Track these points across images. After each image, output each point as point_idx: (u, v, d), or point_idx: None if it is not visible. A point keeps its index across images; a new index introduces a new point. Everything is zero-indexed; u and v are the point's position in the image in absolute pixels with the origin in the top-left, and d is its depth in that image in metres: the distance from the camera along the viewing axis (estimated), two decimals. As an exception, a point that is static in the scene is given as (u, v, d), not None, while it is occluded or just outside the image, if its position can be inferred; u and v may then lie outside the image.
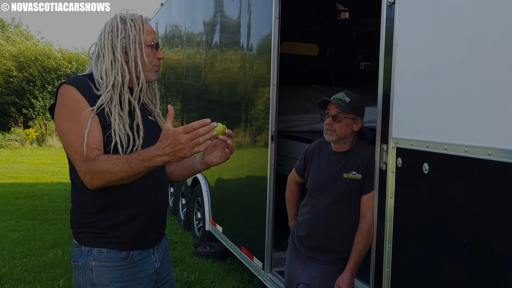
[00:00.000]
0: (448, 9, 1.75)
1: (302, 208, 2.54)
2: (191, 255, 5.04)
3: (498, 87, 1.53)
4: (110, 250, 1.67)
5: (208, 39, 4.88)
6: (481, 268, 1.58)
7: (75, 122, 1.58)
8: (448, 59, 1.74)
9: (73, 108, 1.59)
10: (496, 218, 1.52)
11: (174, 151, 1.44)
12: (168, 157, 1.46)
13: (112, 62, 1.68)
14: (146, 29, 1.74)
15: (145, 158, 1.48)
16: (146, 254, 1.76)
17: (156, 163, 1.47)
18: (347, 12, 4.19)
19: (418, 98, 1.89)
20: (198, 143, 1.44)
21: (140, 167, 1.49)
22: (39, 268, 4.55)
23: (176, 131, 1.43)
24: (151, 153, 1.47)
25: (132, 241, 1.70)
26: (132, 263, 1.71)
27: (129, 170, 1.50)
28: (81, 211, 1.70)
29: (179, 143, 1.42)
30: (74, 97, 1.60)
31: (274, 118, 3.32)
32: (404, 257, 1.98)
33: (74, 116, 1.58)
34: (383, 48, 2.12)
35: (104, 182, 1.54)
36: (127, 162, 1.50)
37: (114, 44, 1.69)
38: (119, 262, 1.68)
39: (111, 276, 1.67)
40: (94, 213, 1.68)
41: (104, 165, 1.51)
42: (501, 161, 1.49)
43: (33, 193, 8.52)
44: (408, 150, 1.94)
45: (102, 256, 1.67)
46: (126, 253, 1.69)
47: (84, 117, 1.58)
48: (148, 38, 1.74)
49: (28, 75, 20.01)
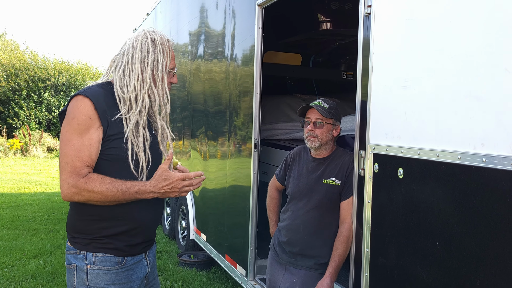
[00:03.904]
0: (421, 20, 1.82)
1: (283, 214, 2.57)
2: (175, 264, 5.02)
3: (467, 95, 1.59)
4: (105, 255, 1.72)
5: (193, 49, 4.92)
6: (454, 268, 1.62)
7: (79, 136, 1.62)
8: (420, 67, 1.81)
9: (82, 123, 1.62)
10: (466, 220, 1.57)
11: (167, 191, 1.67)
12: (159, 195, 1.68)
13: (141, 83, 1.73)
14: (172, 54, 1.80)
15: (139, 192, 1.65)
16: (139, 258, 1.82)
17: (147, 197, 1.67)
18: (328, 22, 4.28)
19: (393, 105, 1.95)
20: (188, 190, 1.70)
21: (132, 197, 1.66)
22: (20, 278, 4.49)
23: (176, 177, 1.65)
24: (146, 188, 1.65)
25: (126, 249, 1.76)
26: (126, 267, 1.76)
27: (120, 197, 1.64)
28: (79, 217, 1.74)
29: (175, 187, 1.67)
30: (86, 113, 1.63)
31: (257, 126, 3.36)
32: (381, 260, 2.02)
33: (81, 130, 1.62)
34: (360, 57, 2.18)
35: (87, 200, 1.63)
36: (121, 190, 1.62)
37: (143, 65, 1.73)
38: (114, 266, 1.73)
39: (106, 279, 1.72)
40: (92, 222, 1.72)
41: (98, 186, 1.60)
42: (469, 164, 1.55)
43: (16, 203, 8.40)
44: (384, 155, 2.00)
45: (98, 260, 1.72)
46: (120, 258, 1.75)
47: (89, 135, 1.63)
48: (171, 65, 1.80)
49: (14, 84, 19.80)
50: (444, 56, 1.69)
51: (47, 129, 19.95)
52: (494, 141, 1.48)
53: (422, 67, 1.79)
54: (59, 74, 20.60)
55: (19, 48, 23.26)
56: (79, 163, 1.61)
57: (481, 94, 1.53)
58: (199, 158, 4.75)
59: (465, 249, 1.57)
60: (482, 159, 1.50)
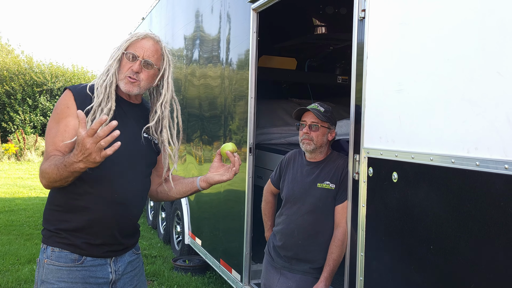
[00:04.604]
0: (415, 24, 1.82)
1: (278, 218, 2.57)
2: (170, 269, 4.99)
3: (460, 99, 1.59)
4: (61, 250, 1.70)
5: (188, 53, 4.92)
6: (449, 272, 1.62)
7: (57, 124, 1.69)
8: (414, 71, 1.81)
9: (60, 111, 1.70)
10: (460, 223, 1.57)
11: (85, 157, 1.44)
12: (83, 164, 1.46)
13: (104, 69, 1.78)
14: (139, 43, 1.77)
15: (67, 164, 1.51)
16: (101, 262, 1.76)
17: (75, 169, 1.49)
18: (323, 27, 4.29)
19: (387, 109, 1.95)
20: (100, 147, 1.41)
21: (65, 172, 1.52)
22: (13, 283, 4.45)
23: (82, 136, 1.41)
24: (70, 159, 1.49)
25: (85, 247, 1.71)
26: (83, 266, 1.71)
27: (57, 174, 1.55)
28: (48, 207, 1.77)
29: (86, 149, 1.42)
30: (65, 102, 1.71)
31: (252, 131, 3.36)
32: (376, 265, 2.02)
33: (58, 119, 1.69)
34: (354, 61, 2.19)
35: (47, 181, 1.62)
36: (56, 165, 1.56)
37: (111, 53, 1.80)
38: (68, 263, 1.70)
39: (57, 275, 1.69)
40: (55, 212, 1.73)
41: (46, 165, 1.60)
42: (463, 168, 1.55)
43: (9, 208, 8.34)
44: (378, 159, 1.99)
45: (54, 255, 1.70)
46: (78, 256, 1.71)
47: (65, 121, 1.67)
48: (129, 48, 1.77)
49: (9, 89, 19.71)
50: (437, 60, 1.70)
51: (42, 133, 19.85)
52: (487, 144, 1.48)
53: (416, 71, 1.80)
54: (56, 78, 20.52)
55: (14, 52, 23.16)
56: (51, 147, 1.66)
57: (474, 97, 1.54)
58: (194, 162, 4.74)
59: (459, 253, 1.57)
60: (475, 162, 1.51)
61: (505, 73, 1.43)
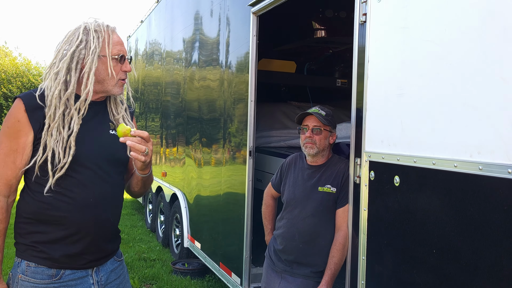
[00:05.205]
0: (416, 28, 1.82)
1: (278, 222, 2.56)
2: (169, 272, 4.98)
3: (463, 103, 1.59)
4: (37, 266, 1.59)
5: (187, 56, 4.92)
6: (451, 276, 1.62)
7: (7, 140, 1.58)
8: (415, 75, 1.81)
9: (11, 125, 1.59)
10: (463, 228, 1.57)
11: None
12: None
13: (57, 73, 1.60)
14: (113, 40, 1.66)
15: None
16: (82, 274, 1.66)
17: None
18: (323, 30, 4.30)
19: (389, 112, 1.95)
20: None
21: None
22: (11, 287, 4.42)
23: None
24: None
25: (64, 260, 1.61)
26: (61, 282, 1.61)
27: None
28: (17, 219, 1.66)
29: None
30: (16, 115, 1.58)
31: (252, 134, 3.36)
32: (377, 269, 2.01)
33: (8, 133, 1.59)
34: (355, 65, 2.19)
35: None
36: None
37: (66, 55, 1.60)
38: (45, 279, 1.59)
39: None
40: (27, 224, 1.62)
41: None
42: (466, 172, 1.55)
43: (7, 211, 8.29)
44: (380, 163, 1.99)
45: (29, 270, 1.59)
46: (56, 271, 1.60)
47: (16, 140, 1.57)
48: (114, 51, 1.65)
49: (7, 91, 19.66)
50: (439, 64, 1.70)
51: (40, 135, 19.76)
52: (490, 149, 1.48)
53: (418, 75, 1.80)
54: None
55: (12, 54, 23.12)
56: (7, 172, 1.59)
57: (477, 102, 1.54)
58: (193, 165, 4.73)
59: (462, 257, 1.57)
60: (478, 167, 1.50)
61: (508, 78, 1.43)
